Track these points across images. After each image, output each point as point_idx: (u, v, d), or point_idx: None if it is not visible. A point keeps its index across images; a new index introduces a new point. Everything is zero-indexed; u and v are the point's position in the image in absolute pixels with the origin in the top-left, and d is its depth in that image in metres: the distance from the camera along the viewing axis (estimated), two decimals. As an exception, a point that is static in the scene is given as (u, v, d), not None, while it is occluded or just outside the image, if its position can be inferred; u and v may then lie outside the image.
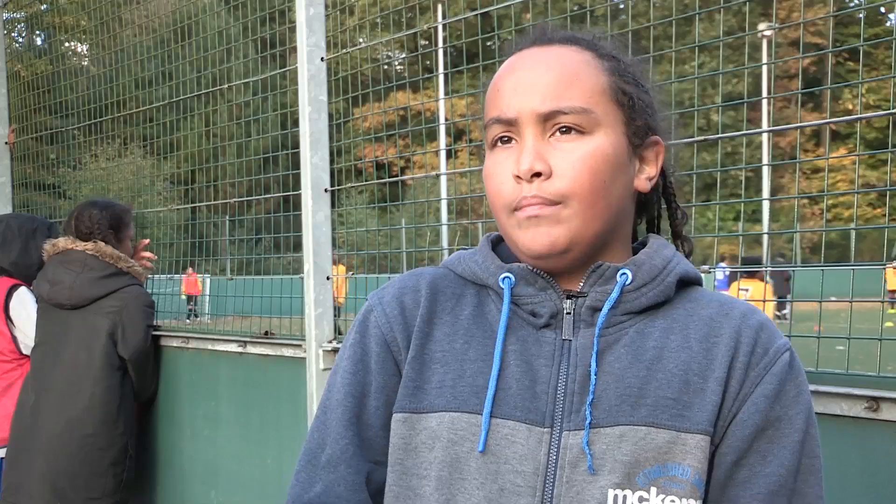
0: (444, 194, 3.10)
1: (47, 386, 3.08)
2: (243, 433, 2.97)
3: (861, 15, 1.82)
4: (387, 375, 1.02)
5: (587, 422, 0.91)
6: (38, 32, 5.20)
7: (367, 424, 1.02)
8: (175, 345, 3.26)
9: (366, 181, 2.88)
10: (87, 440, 3.00)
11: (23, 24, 5.57)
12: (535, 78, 0.96)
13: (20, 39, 5.78)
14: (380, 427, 1.01)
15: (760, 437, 0.92)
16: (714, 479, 0.93)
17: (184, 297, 4.08)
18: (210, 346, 3.10)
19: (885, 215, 1.59)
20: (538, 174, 0.93)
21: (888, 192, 1.56)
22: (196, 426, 3.20)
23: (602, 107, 0.96)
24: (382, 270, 2.94)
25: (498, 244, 1.09)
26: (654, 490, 0.89)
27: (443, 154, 3.11)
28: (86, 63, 4.37)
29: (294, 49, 2.72)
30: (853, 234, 1.99)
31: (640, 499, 0.89)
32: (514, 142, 0.97)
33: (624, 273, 0.97)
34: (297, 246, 2.73)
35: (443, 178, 3.04)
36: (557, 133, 0.95)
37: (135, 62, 3.82)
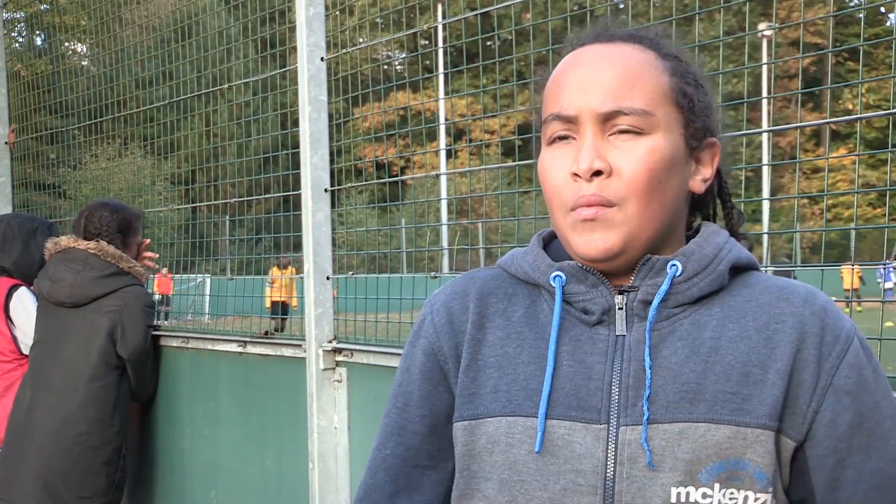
0: (444, 194, 3.11)
1: (44, 383, 3.07)
2: (243, 433, 2.97)
3: (861, 15, 1.82)
4: (431, 384, 1.05)
5: (645, 417, 0.91)
6: (38, 32, 5.20)
7: (413, 432, 1.06)
8: (175, 345, 3.26)
9: (366, 181, 2.88)
10: (81, 438, 2.99)
11: (23, 24, 5.57)
12: (597, 76, 0.95)
13: (20, 39, 5.77)
14: (425, 434, 1.05)
15: (858, 434, 0.92)
16: (819, 481, 0.92)
17: (158, 296, 4.07)
18: (210, 346, 3.10)
19: (885, 215, 1.59)
20: (598, 173, 0.93)
21: (888, 192, 1.56)
22: (196, 426, 3.20)
23: (662, 109, 0.95)
24: (382, 270, 2.94)
25: (549, 242, 1.08)
26: (717, 486, 0.89)
27: (443, 154, 3.11)
28: (86, 63, 4.36)
29: (294, 49, 2.72)
30: (853, 234, 1.99)
31: (704, 495, 0.89)
32: (571, 139, 0.96)
33: (673, 265, 0.96)
34: (297, 246, 2.73)
35: (443, 178, 3.05)
36: (616, 132, 0.94)
37: (135, 62, 3.82)
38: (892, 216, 1.55)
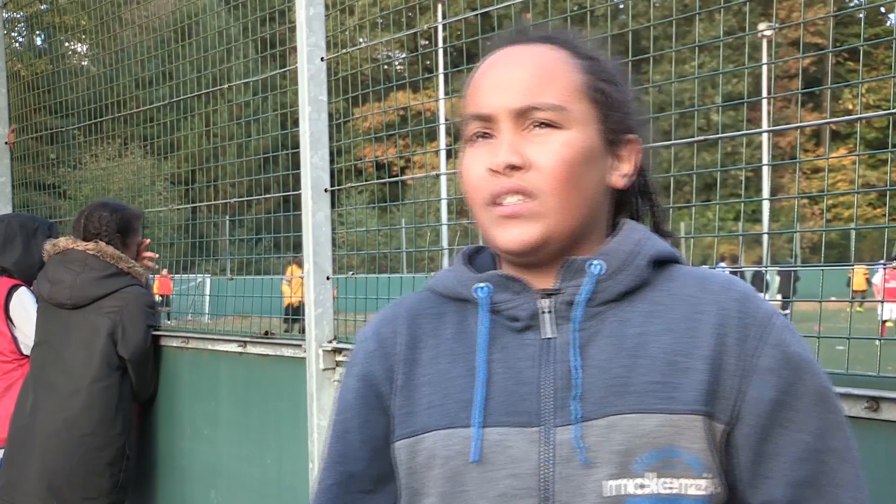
0: (444, 194, 3.10)
1: (46, 385, 3.08)
2: (243, 433, 2.97)
3: (861, 15, 1.82)
4: (368, 410, 1.06)
5: (575, 416, 0.92)
6: (38, 32, 5.20)
7: (355, 458, 1.06)
8: (175, 345, 3.26)
9: (366, 181, 2.88)
10: (85, 439, 2.99)
11: (23, 24, 5.58)
12: (512, 75, 0.98)
13: (20, 39, 5.78)
14: (368, 460, 1.06)
15: (778, 409, 0.93)
16: (744, 459, 0.94)
17: (158, 297, 4.08)
18: (210, 346, 3.10)
19: (885, 215, 1.59)
20: (515, 167, 0.95)
21: (888, 192, 1.56)
22: (196, 426, 3.20)
23: (576, 104, 0.98)
24: (382, 270, 2.94)
25: (475, 256, 1.11)
26: (651, 475, 0.90)
27: (443, 154, 3.11)
28: (86, 63, 4.37)
29: (294, 49, 2.72)
30: (853, 234, 1.99)
31: (639, 486, 0.90)
32: (491, 137, 0.99)
33: (595, 264, 0.98)
34: (297, 246, 2.73)
35: (443, 178, 3.04)
36: (532, 127, 0.97)
37: (135, 62, 3.82)
38: (892, 216, 1.55)
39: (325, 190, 2.63)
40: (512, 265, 1.03)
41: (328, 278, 2.63)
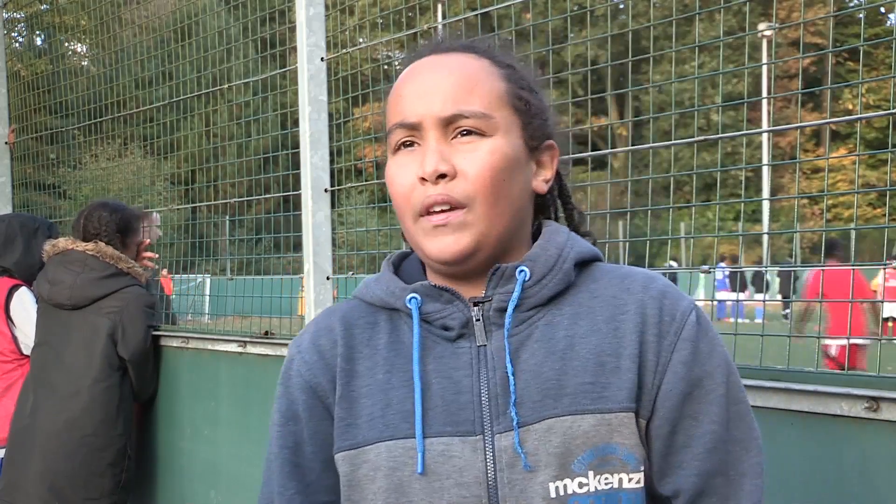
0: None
1: (46, 386, 3.07)
2: (243, 433, 2.97)
3: (861, 15, 1.82)
4: (317, 420, 1.06)
5: (515, 422, 0.94)
6: (38, 32, 5.20)
7: (309, 469, 1.06)
8: (175, 345, 3.26)
9: (366, 181, 2.88)
10: (86, 440, 2.99)
11: (23, 24, 5.58)
12: (437, 83, 0.99)
13: (20, 39, 5.78)
14: (321, 470, 1.06)
15: (688, 401, 0.97)
16: (655, 451, 0.98)
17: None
18: (210, 346, 3.10)
19: (885, 215, 1.59)
20: (443, 175, 0.96)
21: (888, 192, 1.56)
22: (196, 426, 3.20)
23: (500, 111, 1.00)
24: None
25: (401, 263, 1.12)
26: (590, 473, 0.94)
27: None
28: (86, 63, 4.37)
29: (294, 49, 2.72)
30: (853, 234, 1.99)
31: (580, 484, 0.94)
32: (416, 146, 1.00)
33: (522, 270, 1.00)
34: (297, 246, 2.73)
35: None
36: (459, 136, 0.98)
37: (135, 62, 3.82)
38: (892, 216, 1.55)
39: (325, 190, 2.63)
40: (439, 274, 1.04)
41: (328, 278, 2.63)
